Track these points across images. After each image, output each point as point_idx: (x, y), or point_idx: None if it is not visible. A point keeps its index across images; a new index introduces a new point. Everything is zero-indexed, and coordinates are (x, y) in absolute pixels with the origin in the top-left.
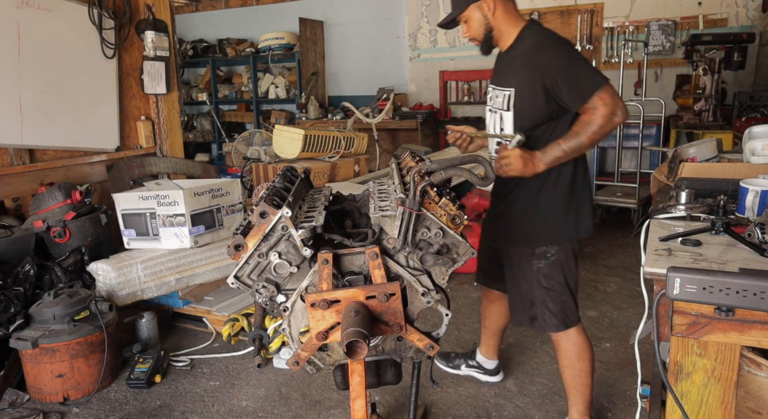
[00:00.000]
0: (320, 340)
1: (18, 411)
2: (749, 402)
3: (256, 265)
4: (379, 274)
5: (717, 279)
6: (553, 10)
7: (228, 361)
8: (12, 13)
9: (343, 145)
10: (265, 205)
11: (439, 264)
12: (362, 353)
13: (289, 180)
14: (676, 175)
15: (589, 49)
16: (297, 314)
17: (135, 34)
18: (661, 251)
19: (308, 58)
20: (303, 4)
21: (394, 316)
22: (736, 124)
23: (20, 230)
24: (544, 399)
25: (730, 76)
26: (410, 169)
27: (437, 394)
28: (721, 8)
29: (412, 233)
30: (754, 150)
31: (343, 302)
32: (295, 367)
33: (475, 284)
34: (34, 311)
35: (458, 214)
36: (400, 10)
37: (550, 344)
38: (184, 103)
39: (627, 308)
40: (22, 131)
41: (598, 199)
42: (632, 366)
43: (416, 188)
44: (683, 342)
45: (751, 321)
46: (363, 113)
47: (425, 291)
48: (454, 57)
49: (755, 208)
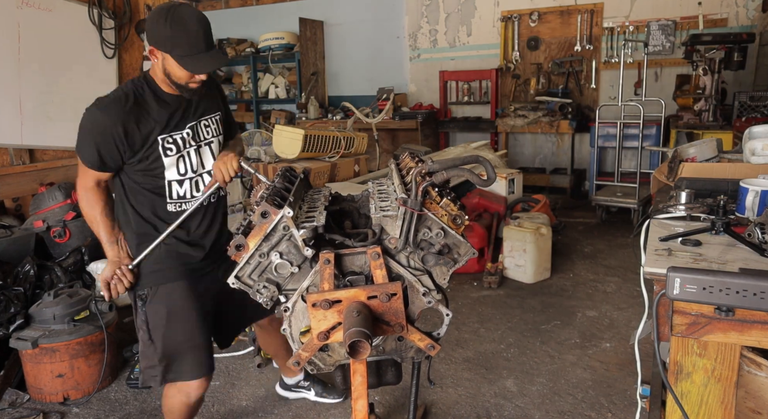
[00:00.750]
0: (321, 340)
1: (18, 411)
2: (749, 402)
3: (257, 265)
4: (381, 274)
5: (717, 279)
6: (553, 10)
7: (228, 361)
8: (12, 13)
9: (343, 145)
10: (267, 205)
11: (440, 264)
12: (365, 353)
13: (288, 180)
14: (676, 175)
15: (589, 49)
16: (298, 314)
17: (135, 34)
18: (661, 251)
19: (308, 58)
20: (303, 4)
21: (396, 316)
22: (736, 124)
23: (20, 230)
24: (544, 399)
25: (730, 76)
26: (410, 169)
27: (437, 394)
28: (721, 8)
29: (413, 233)
30: (754, 150)
31: (345, 303)
32: (296, 368)
33: (475, 284)
34: (34, 311)
35: (459, 214)
36: (400, 10)
37: (550, 344)
38: None
39: (627, 309)
40: (22, 131)
41: (598, 199)
42: (632, 366)
43: (418, 188)
44: (683, 342)
45: (751, 321)
46: (363, 113)
47: (426, 291)
48: (454, 57)
49: (755, 208)
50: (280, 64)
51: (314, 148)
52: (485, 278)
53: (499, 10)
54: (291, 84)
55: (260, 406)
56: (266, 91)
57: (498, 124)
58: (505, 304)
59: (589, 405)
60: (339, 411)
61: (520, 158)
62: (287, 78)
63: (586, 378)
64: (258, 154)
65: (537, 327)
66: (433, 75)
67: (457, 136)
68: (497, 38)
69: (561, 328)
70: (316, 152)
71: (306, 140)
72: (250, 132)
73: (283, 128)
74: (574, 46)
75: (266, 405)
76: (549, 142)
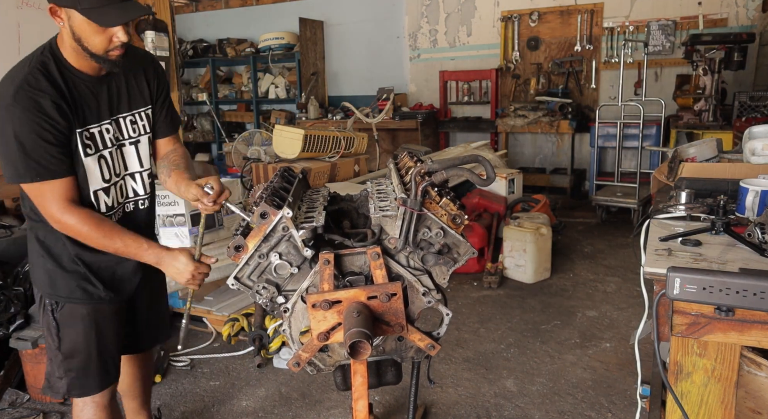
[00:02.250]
0: (321, 341)
1: (18, 411)
2: (749, 402)
3: (256, 266)
4: (381, 274)
5: (717, 279)
6: (553, 10)
7: (228, 361)
8: (12, 12)
9: (343, 145)
10: (266, 206)
11: (440, 264)
12: (365, 353)
13: (287, 181)
14: (676, 175)
15: (589, 49)
16: (297, 315)
17: (135, 34)
18: (661, 251)
19: (308, 58)
20: (303, 4)
21: (396, 316)
22: (736, 124)
23: (20, 230)
24: (544, 399)
25: (730, 76)
26: (408, 169)
27: (437, 394)
28: (721, 8)
29: (413, 233)
30: (754, 150)
31: (345, 303)
32: (296, 368)
33: (475, 284)
34: (34, 311)
35: (459, 214)
36: (400, 10)
37: (550, 344)
38: (184, 103)
39: (627, 309)
40: None
41: (598, 199)
42: (632, 366)
43: (417, 188)
44: (683, 342)
45: (751, 321)
46: (363, 113)
47: (426, 291)
48: (454, 57)
49: (755, 208)
50: (280, 64)
51: (314, 148)
52: (485, 278)
53: (499, 10)
54: (291, 84)
55: (260, 406)
56: (266, 91)
57: (498, 124)
58: (505, 304)
59: (589, 405)
60: (339, 411)
61: (520, 158)
62: (287, 78)
63: (586, 378)
64: (258, 154)
65: (537, 327)
66: (433, 75)
67: (457, 136)
68: (497, 38)
69: (561, 328)
70: (316, 152)
71: (306, 140)
72: (250, 132)
73: (283, 128)
74: (574, 46)
75: (266, 405)
76: (549, 142)
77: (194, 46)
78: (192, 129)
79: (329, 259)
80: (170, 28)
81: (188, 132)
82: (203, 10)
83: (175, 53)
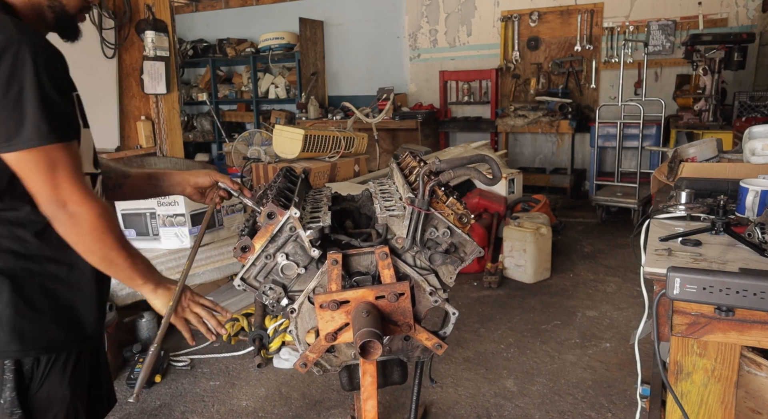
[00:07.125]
0: (329, 341)
1: None
2: (749, 402)
3: (263, 267)
4: (389, 274)
5: (717, 279)
6: (553, 10)
7: (228, 361)
8: None
9: (343, 145)
10: (273, 206)
11: (447, 263)
12: (376, 353)
13: (290, 181)
14: (676, 175)
15: (589, 49)
16: (304, 315)
17: (135, 34)
18: (661, 251)
19: (308, 58)
20: (303, 4)
21: (404, 316)
22: (736, 124)
23: None
24: (544, 399)
25: (730, 76)
26: (412, 169)
27: (437, 394)
28: (721, 8)
29: (420, 232)
30: (754, 150)
31: (353, 303)
32: (303, 369)
33: (475, 284)
34: None
35: (465, 213)
36: (400, 10)
37: (550, 344)
38: (184, 103)
39: (627, 308)
40: None
41: (598, 199)
42: (632, 366)
43: (425, 187)
44: (683, 342)
45: (751, 321)
46: (363, 112)
47: (433, 290)
48: (454, 57)
49: (755, 208)
50: (280, 64)
51: (314, 148)
52: (485, 278)
53: (499, 10)
54: (291, 84)
55: (260, 406)
56: (266, 91)
57: (498, 124)
58: (505, 304)
59: (589, 405)
60: (339, 411)
61: (520, 158)
62: (287, 78)
63: (586, 378)
64: (258, 154)
65: (537, 327)
66: (433, 75)
67: (457, 136)
68: (497, 38)
69: (561, 328)
70: (316, 152)
71: (306, 140)
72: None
73: (283, 128)
74: (574, 46)
75: (266, 405)
76: (549, 142)
77: (194, 46)
78: (192, 129)
79: (337, 259)
80: (170, 28)
81: (188, 132)
82: (203, 10)
83: (175, 53)
